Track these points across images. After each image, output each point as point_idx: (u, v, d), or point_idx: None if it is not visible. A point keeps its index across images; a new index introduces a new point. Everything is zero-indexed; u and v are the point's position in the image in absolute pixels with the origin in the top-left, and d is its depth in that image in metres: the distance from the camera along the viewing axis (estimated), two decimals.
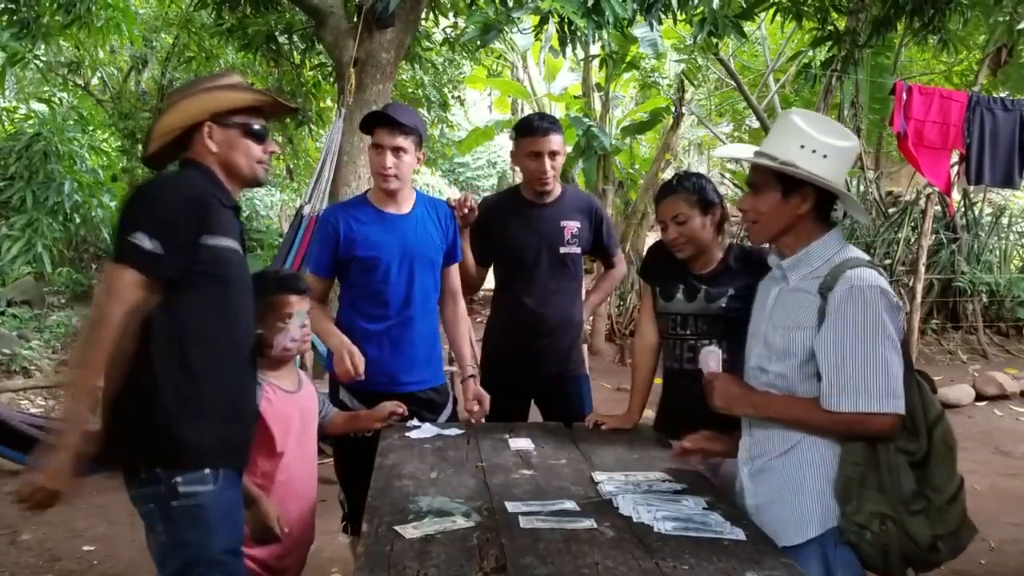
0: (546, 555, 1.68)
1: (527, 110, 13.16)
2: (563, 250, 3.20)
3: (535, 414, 3.35)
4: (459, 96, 11.90)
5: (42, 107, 9.21)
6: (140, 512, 2.03)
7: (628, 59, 10.37)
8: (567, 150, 3.30)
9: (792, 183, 1.96)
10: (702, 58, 9.91)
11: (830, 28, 6.97)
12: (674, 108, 10.61)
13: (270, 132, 2.22)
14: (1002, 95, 8.46)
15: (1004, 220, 9.63)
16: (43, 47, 7.74)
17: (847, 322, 1.87)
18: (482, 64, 12.03)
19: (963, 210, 9.26)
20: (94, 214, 7.78)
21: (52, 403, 6.58)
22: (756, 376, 2.07)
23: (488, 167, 19.72)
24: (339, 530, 3.28)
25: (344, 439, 2.99)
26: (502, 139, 17.48)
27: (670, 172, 12.38)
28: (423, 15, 6.51)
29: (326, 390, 3.05)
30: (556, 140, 3.13)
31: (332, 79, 7.16)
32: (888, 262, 8.72)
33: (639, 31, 8.54)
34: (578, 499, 2.04)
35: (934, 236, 8.50)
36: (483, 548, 1.71)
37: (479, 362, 3.44)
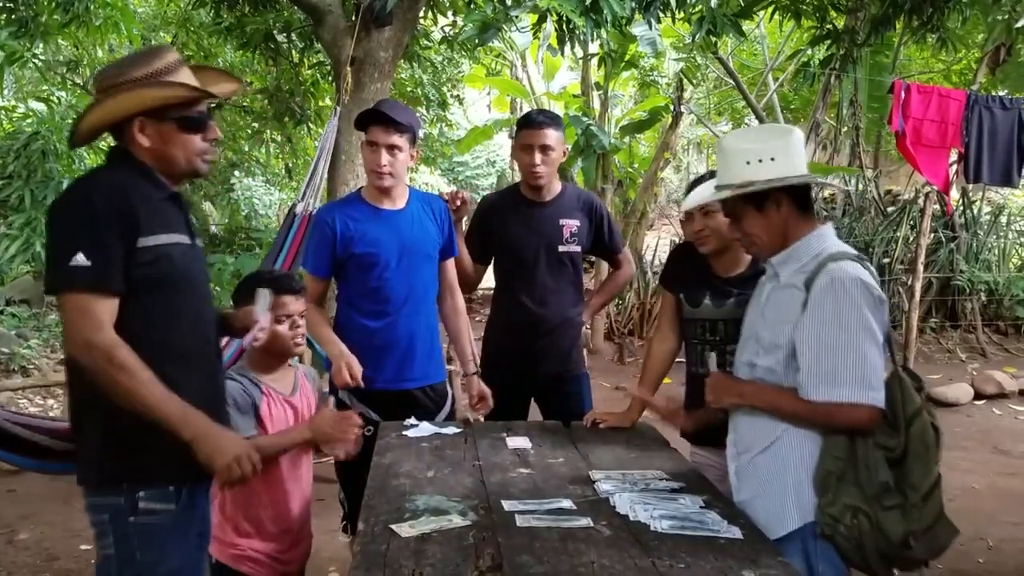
0: (542, 554, 1.68)
1: (526, 109, 13.13)
2: (562, 249, 3.20)
3: (535, 413, 3.35)
4: (458, 95, 11.91)
5: (40, 106, 9.21)
6: (92, 519, 1.94)
7: (627, 58, 10.36)
8: (567, 149, 3.28)
9: (760, 197, 2.02)
10: (701, 57, 9.93)
11: (829, 27, 6.98)
12: (673, 107, 10.61)
13: (213, 115, 2.05)
14: (1001, 94, 8.45)
15: (1003, 219, 9.63)
16: (41, 46, 7.74)
17: (824, 313, 1.90)
18: (481, 63, 12.04)
19: (962, 209, 9.25)
20: None
21: (51, 402, 6.57)
22: (747, 371, 2.11)
23: (487, 166, 19.72)
24: (338, 529, 3.28)
25: None
26: (501, 138, 17.48)
27: (669, 171, 12.39)
28: (421, 13, 6.50)
29: (326, 388, 3.05)
30: (551, 135, 3.12)
31: (330, 78, 7.16)
32: (887, 261, 8.72)
33: (638, 30, 8.53)
34: (575, 498, 2.03)
35: (933, 235, 8.49)
36: (479, 547, 1.70)
37: (480, 361, 3.44)
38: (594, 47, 9.20)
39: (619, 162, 11.53)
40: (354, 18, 5.48)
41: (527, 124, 3.16)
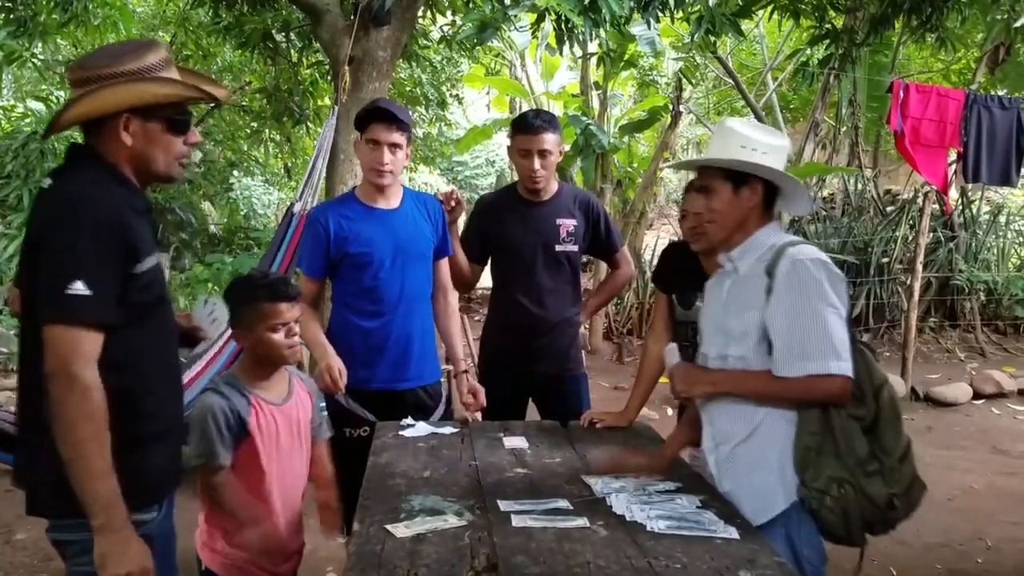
0: (538, 554, 1.67)
1: (525, 108, 13.14)
2: (559, 248, 3.19)
3: (533, 413, 3.34)
4: (457, 95, 11.89)
5: (39, 106, 9.20)
6: (62, 539, 1.84)
7: (626, 57, 10.35)
8: (565, 148, 3.27)
9: (741, 178, 2.12)
10: (700, 56, 9.93)
11: (828, 26, 6.96)
12: (672, 106, 10.59)
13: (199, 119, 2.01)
14: (1000, 93, 8.45)
15: (1002, 218, 9.62)
16: (40, 45, 7.72)
17: (791, 292, 1.99)
18: (480, 62, 12.03)
19: (961, 208, 9.25)
20: None
21: None
22: (716, 365, 2.16)
23: (486, 166, 19.71)
24: None
25: (339, 438, 2.98)
26: (500, 138, 17.44)
27: (668, 171, 12.38)
28: (420, 13, 6.49)
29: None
30: (549, 139, 3.11)
31: (329, 77, 7.14)
32: (886, 260, 8.71)
33: (637, 29, 8.52)
34: (571, 498, 2.03)
35: (932, 234, 8.49)
36: (474, 547, 1.70)
37: (477, 361, 3.44)
38: (593, 46, 9.19)
39: (618, 162, 11.52)
40: (352, 17, 5.48)
41: (524, 130, 3.14)
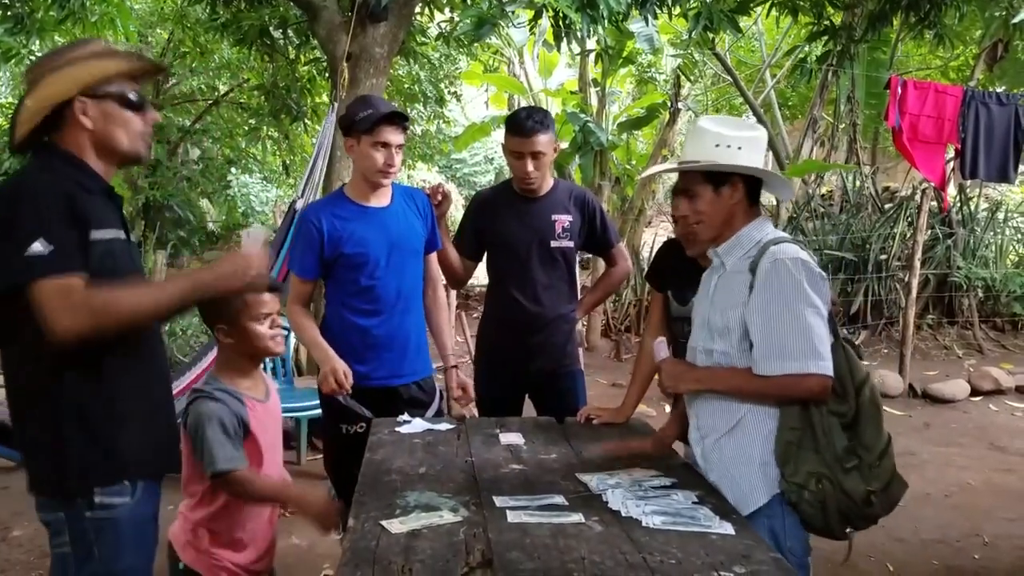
0: (533, 550, 1.67)
1: (523, 106, 13.14)
2: (554, 244, 3.19)
3: (530, 410, 3.34)
4: (455, 92, 11.88)
5: None
6: (44, 518, 1.92)
7: (624, 54, 10.37)
8: (560, 146, 3.25)
9: (720, 178, 2.14)
10: (698, 53, 9.91)
11: (826, 23, 6.97)
12: (670, 103, 10.61)
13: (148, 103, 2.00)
14: (998, 90, 8.45)
15: (999, 215, 9.63)
16: (38, 43, 7.70)
17: (770, 291, 2.01)
18: (478, 59, 12.02)
19: (959, 205, 9.25)
20: None
21: None
22: (703, 358, 2.19)
23: (485, 163, 19.71)
24: None
25: (335, 434, 2.98)
26: (499, 135, 17.39)
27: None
28: (417, 9, 6.49)
29: (314, 385, 3.05)
30: (542, 140, 3.08)
31: (327, 74, 7.13)
32: (884, 257, 8.72)
33: (635, 26, 8.52)
34: (567, 494, 2.03)
35: (930, 231, 8.49)
36: (469, 543, 1.70)
37: (474, 357, 3.44)
38: (591, 43, 9.19)
39: (617, 159, 11.53)
40: (349, 14, 5.48)
41: (515, 132, 3.11)
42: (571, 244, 3.23)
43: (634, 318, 9.08)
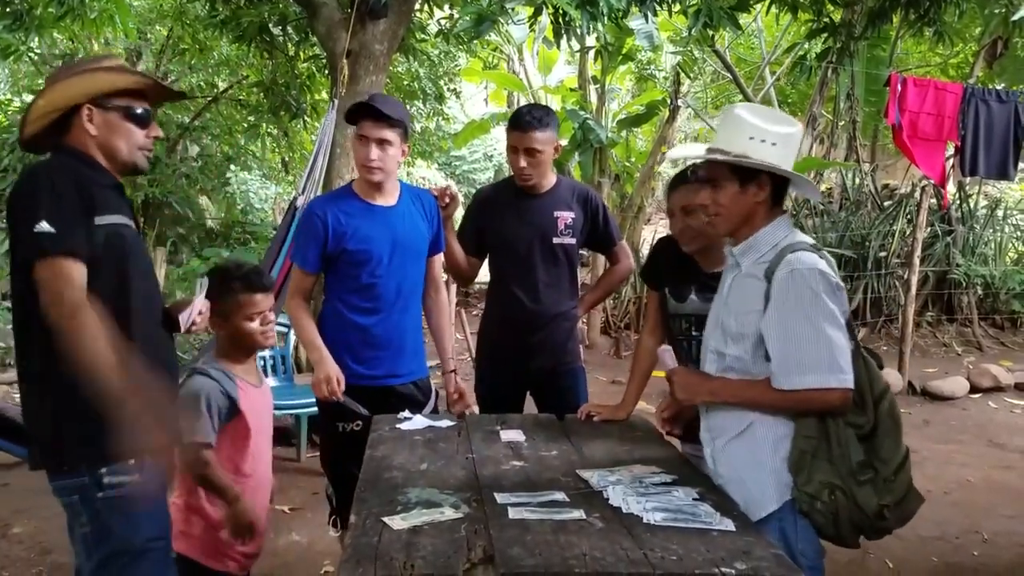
0: (534, 546, 1.67)
1: (523, 103, 13.13)
2: (556, 241, 3.18)
3: (532, 407, 3.34)
4: (455, 89, 11.86)
5: None
6: (62, 502, 2.01)
7: (624, 51, 10.35)
8: (560, 144, 3.24)
9: (748, 173, 2.06)
10: (698, 50, 9.89)
11: (826, 20, 6.94)
12: (670, 101, 10.60)
13: (153, 116, 2.15)
14: (998, 87, 8.44)
15: (999, 212, 9.63)
16: (37, 39, 7.70)
17: (787, 303, 1.96)
18: (477, 56, 12.00)
19: (958, 202, 9.25)
20: None
21: None
22: (715, 360, 2.16)
23: (484, 160, 19.68)
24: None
25: (332, 432, 2.98)
26: (498, 132, 17.38)
27: (666, 165, 12.36)
28: (417, 6, 6.47)
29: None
30: (537, 137, 3.06)
31: (326, 71, 7.12)
32: (883, 255, 8.72)
33: (634, 23, 8.50)
34: (568, 490, 2.03)
35: (929, 229, 8.50)
36: (471, 539, 1.70)
37: (476, 354, 3.44)
38: (591, 40, 9.17)
39: (616, 156, 11.51)
40: (349, 11, 5.47)
41: (513, 126, 3.13)
42: (573, 241, 3.22)
43: (633, 315, 9.08)
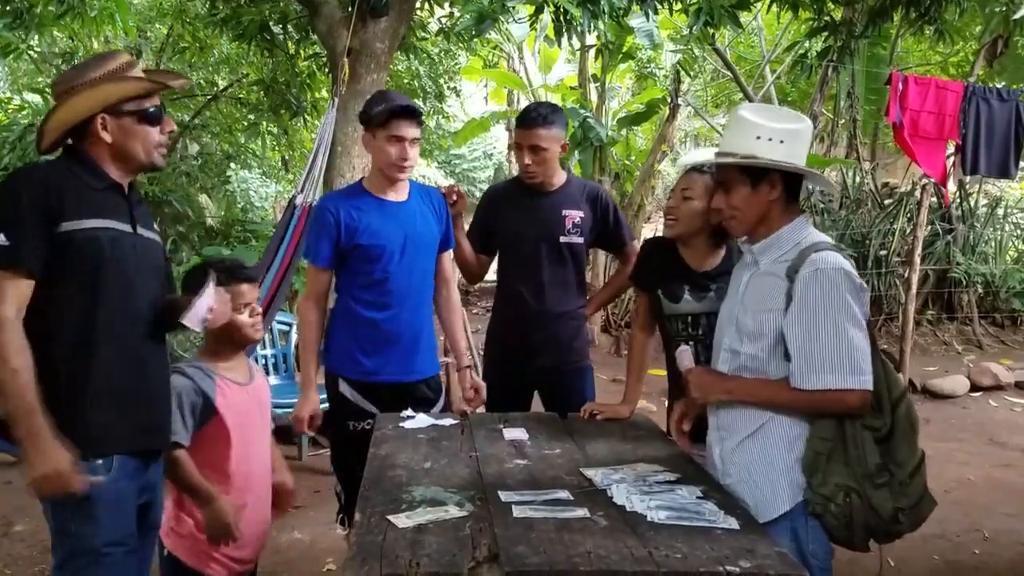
0: (538, 544, 1.67)
1: (523, 101, 13.13)
2: (563, 240, 3.17)
3: (537, 405, 3.34)
4: (455, 87, 11.86)
5: (36, 98, 9.16)
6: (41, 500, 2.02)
7: (624, 50, 10.34)
8: (565, 142, 3.25)
9: (758, 173, 2.05)
10: (698, 49, 9.88)
11: (826, 18, 6.95)
12: (670, 99, 10.57)
13: (167, 111, 2.18)
14: (998, 85, 8.44)
15: (999, 211, 9.63)
16: (37, 37, 7.69)
17: (812, 303, 1.95)
18: (478, 55, 11.99)
19: (959, 201, 9.25)
20: None
21: None
22: (728, 359, 2.15)
23: (484, 158, 19.70)
24: (334, 520, 3.28)
25: (342, 431, 2.98)
26: (498, 130, 17.40)
27: (667, 164, 12.37)
28: (418, 4, 6.47)
29: (322, 381, 3.06)
30: (541, 134, 3.08)
31: (327, 69, 7.12)
32: (883, 253, 8.72)
33: (635, 21, 8.49)
34: (571, 488, 2.03)
35: (929, 227, 8.49)
36: (475, 537, 1.70)
37: (483, 353, 3.44)
38: (591, 39, 9.17)
39: (616, 155, 11.50)
40: (350, 9, 5.46)
41: (519, 123, 3.15)
42: (580, 240, 3.21)
43: (634, 314, 9.08)
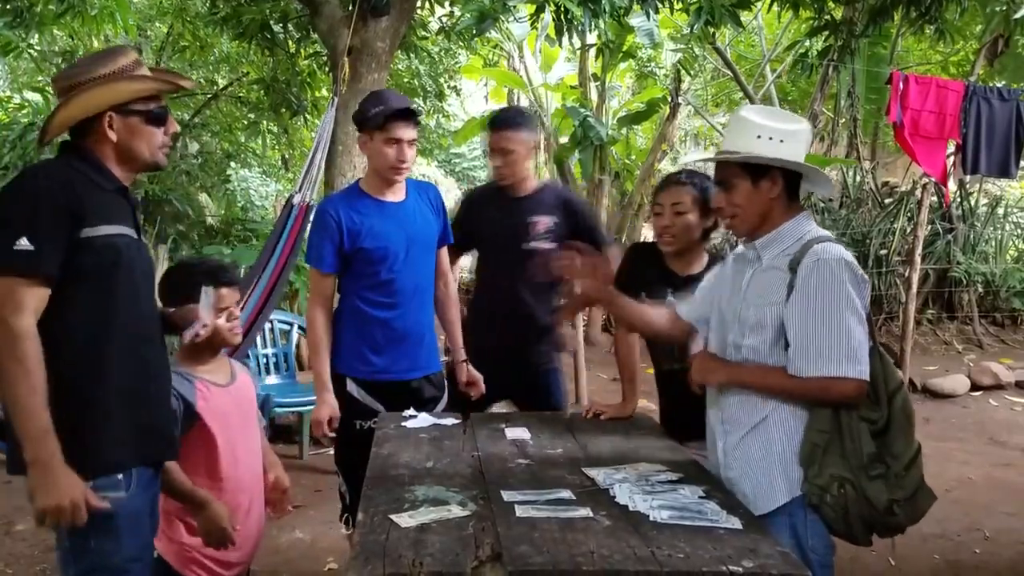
0: (541, 544, 1.67)
1: (523, 100, 13.12)
2: (531, 245, 3.20)
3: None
4: (455, 86, 11.86)
5: (36, 97, 9.16)
6: None
7: (625, 49, 10.33)
8: (535, 143, 3.27)
9: (759, 170, 2.09)
10: (699, 48, 9.89)
11: (827, 18, 6.96)
12: (670, 98, 10.58)
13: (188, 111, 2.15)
14: (999, 85, 8.44)
15: (1000, 210, 9.62)
16: (37, 36, 7.70)
17: (813, 292, 1.98)
18: (478, 54, 11.98)
19: (959, 200, 9.24)
20: None
21: None
22: (732, 354, 2.17)
23: (484, 158, 19.65)
24: (335, 520, 3.28)
25: (348, 430, 2.98)
26: None
27: (667, 163, 12.36)
28: (418, 3, 6.47)
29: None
30: (509, 136, 3.17)
31: (327, 68, 7.12)
32: (884, 252, 8.71)
33: (635, 20, 8.50)
34: (574, 488, 2.03)
35: (930, 226, 8.48)
36: (478, 537, 1.70)
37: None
38: (592, 38, 9.16)
39: (616, 154, 11.50)
40: (351, 8, 5.46)
41: (490, 126, 3.24)
42: (551, 246, 3.19)
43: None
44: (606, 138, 10.29)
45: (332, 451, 5.26)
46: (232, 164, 12.06)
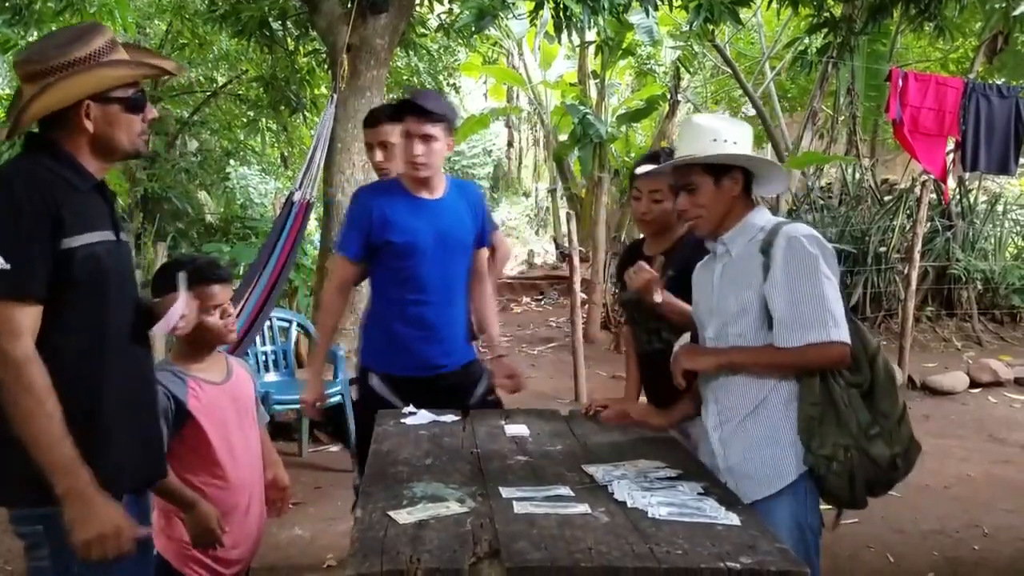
0: (540, 540, 1.67)
1: (522, 97, 13.14)
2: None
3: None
4: (454, 84, 11.86)
5: None
6: (20, 531, 1.82)
7: (624, 46, 10.35)
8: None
9: (721, 170, 2.19)
10: (698, 45, 9.91)
11: (826, 15, 6.97)
12: (670, 96, 10.60)
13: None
14: (998, 82, 8.44)
15: (999, 207, 9.61)
16: (35, 34, 7.69)
17: (790, 266, 2.08)
18: (477, 51, 12.00)
19: (958, 197, 9.23)
20: None
21: None
22: (715, 345, 2.24)
23: (483, 155, 19.67)
24: (335, 518, 3.29)
25: (370, 423, 2.95)
26: (497, 127, 17.41)
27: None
28: (418, 0, 6.47)
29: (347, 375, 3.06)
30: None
31: (326, 66, 7.12)
32: (883, 249, 8.71)
33: (635, 18, 8.51)
34: (573, 485, 2.03)
35: (929, 224, 8.48)
36: (476, 533, 1.70)
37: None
38: (591, 35, 9.17)
39: (616, 151, 11.52)
40: (349, 5, 5.46)
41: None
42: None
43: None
44: (605, 135, 10.29)
45: (332, 448, 5.30)
46: (231, 162, 12.07)
